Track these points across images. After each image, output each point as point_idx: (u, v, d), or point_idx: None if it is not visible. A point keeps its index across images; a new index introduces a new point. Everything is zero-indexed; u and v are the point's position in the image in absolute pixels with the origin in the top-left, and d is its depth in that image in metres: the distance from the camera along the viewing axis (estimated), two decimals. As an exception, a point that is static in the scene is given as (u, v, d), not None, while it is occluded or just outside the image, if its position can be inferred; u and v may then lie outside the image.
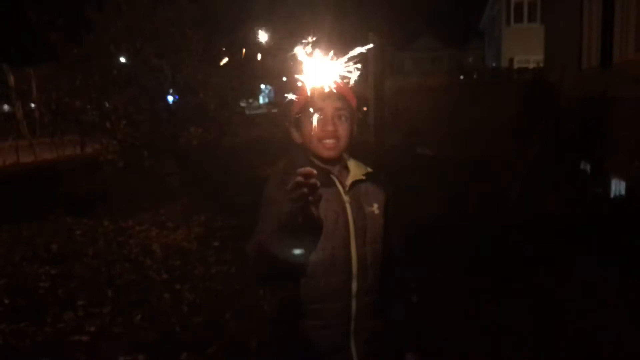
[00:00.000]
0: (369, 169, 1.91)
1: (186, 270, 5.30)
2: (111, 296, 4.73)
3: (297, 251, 1.60)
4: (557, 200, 6.70)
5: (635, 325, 3.95)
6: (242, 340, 3.83)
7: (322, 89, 1.66)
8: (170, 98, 8.22)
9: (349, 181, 1.84)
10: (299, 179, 1.41)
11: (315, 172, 1.42)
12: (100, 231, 6.67)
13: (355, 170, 1.87)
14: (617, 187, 7.87)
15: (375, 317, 1.83)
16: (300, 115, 1.83)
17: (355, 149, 1.92)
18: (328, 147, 1.80)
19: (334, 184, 1.82)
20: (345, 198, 1.81)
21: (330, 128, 1.79)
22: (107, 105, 7.80)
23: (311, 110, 1.77)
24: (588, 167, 9.34)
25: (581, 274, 4.75)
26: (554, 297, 4.48)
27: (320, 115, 1.79)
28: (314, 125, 1.75)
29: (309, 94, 1.62)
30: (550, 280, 4.76)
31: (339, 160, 1.86)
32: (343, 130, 1.81)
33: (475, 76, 18.25)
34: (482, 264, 5.00)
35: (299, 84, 1.50)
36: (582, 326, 3.99)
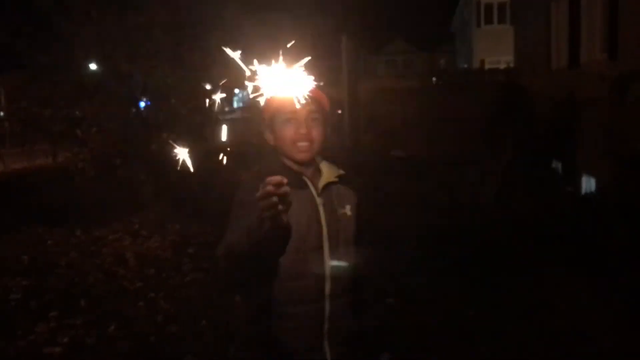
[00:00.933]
0: (341, 172, 1.92)
1: (161, 279, 5.24)
2: (85, 307, 4.66)
3: (264, 256, 1.59)
4: (530, 200, 6.79)
5: (609, 321, 4.02)
6: (218, 348, 3.79)
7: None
8: (142, 104, 8.13)
9: (321, 183, 1.85)
10: (269, 188, 1.39)
11: (285, 180, 1.41)
12: (72, 241, 6.56)
13: (328, 172, 1.88)
14: (588, 184, 8.01)
15: (348, 318, 1.84)
16: (273, 118, 1.84)
17: (330, 151, 1.94)
18: (302, 149, 1.80)
19: (307, 187, 1.83)
20: (318, 200, 1.83)
21: (303, 131, 1.79)
22: (77, 113, 7.67)
23: (284, 113, 1.79)
24: (559, 166, 9.49)
25: (554, 272, 4.81)
26: (529, 295, 4.53)
27: (293, 118, 1.80)
28: (287, 129, 1.78)
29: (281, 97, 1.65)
30: (524, 279, 4.81)
31: (312, 163, 1.87)
32: (316, 133, 1.82)
33: (446, 78, 18.41)
34: (456, 265, 5.04)
35: (266, 91, 1.49)
36: (557, 324, 4.05)
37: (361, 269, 1.89)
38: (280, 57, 1.43)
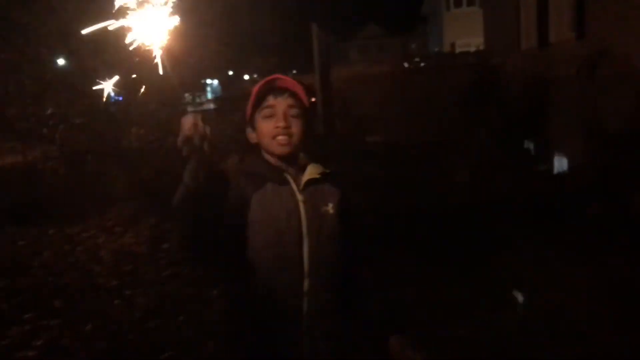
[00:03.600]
0: (327, 170, 1.91)
1: (137, 275, 5.18)
2: (60, 307, 4.58)
3: (202, 215, 1.61)
4: (504, 179, 6.85)
5: (586, 296, 4.08)
6: (197, 343, 3.76)
7: (272, 84, 1.75)
8: (111, 99, 7.98)
9: (304, 180, 1.84)
10: (186, 132, 1.48)
11: (199, 118, 1.50)
12: (45, 240, 6.46)
13: (312, 169, 1.87)
14: (560, 163, 8.10)
15: (330, 316, 1.82)
16: (253, 114, 1.85)
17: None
18: (280, 143, 1.80)
19: (288, 183, 1.83)
20: (299, 197, 1.82)
21: (282, 124, 1.79)
22: (44, 110, 7.52)
23: (263, 108, 1.81)
24: (532, 146, 9.59)
25: (531, 251, 4.87)
26: (507, 276, 4.57)
27: (272, 112, 1.81)
28: (266, 123, 1.80)
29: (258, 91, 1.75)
30: (502, 259, 4.86)
31: (295, 160, 1.87)
32: (296, 126, 1.82)
33: (418, 61, 18.46)
34: (435, 248, 5.06)
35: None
36: (534, 300, 4.10)
37: (350, 264, 1.89)
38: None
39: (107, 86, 1.63)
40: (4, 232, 6.82)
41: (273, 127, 1.80)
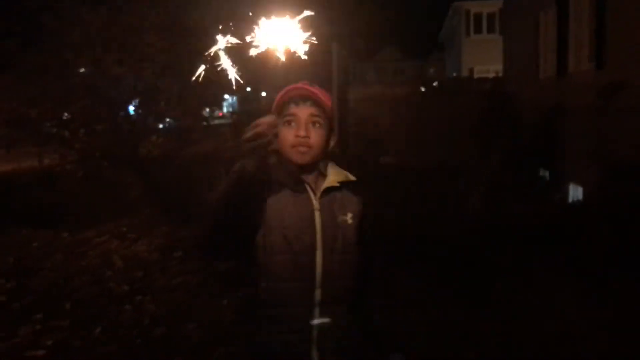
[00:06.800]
0: (351, 177, 1.89)
1: (148, 282, 5.20)
2: (70, 309, 4.60)
3: (241, 205, 1.65)
4: (518, 207, 6.82)
5: (597, 324, 4.04)
6: (205, 351, 3.77)
7: (296, 92, 1.76)
8: (131, 107, 8.09)
9: (322, 188, 1.83)
10: (260, 129, 1.59)
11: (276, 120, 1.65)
12: (58, 243, 6.50)
13: (332, 177, 1.85)
14: (575, 192, 8.06)
15: (340, 327, 1.79)
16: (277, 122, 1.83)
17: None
18: (300, 152, 1.78)
19: (305, 191, 1.81)
20: (316, 205, 1.80)
21: (302, 133, 1.77)
22: (65, 115, 7.63)
23: (285, 115, 1.80)
24: (547, 174, 9.56)
25: (542, 278, 4.83)
26: (517, 302, 4.54)
27: (294, 120, 1.79)
28: (287, 130, 1.79)
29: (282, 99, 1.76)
30: (512, 285, 4.83)
31: (314, 168, 1.84)
32: (316, 136, 1.80)
33: (435, 85, 18.50)
34: (445, 271, 5.04)
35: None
36: (545, 327, 4.06)
37: (363, 277, 1.87)
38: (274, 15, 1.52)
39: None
40: (19, 234, 6.88)
41: (293, 136, 1.77)
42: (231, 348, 3.56)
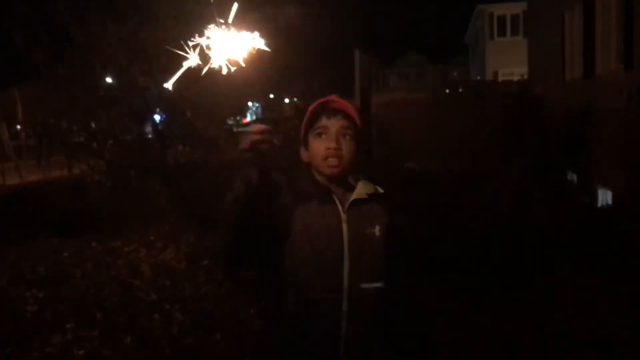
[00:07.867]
0: (380, 190, 1.89)
1: (176, 291, 5.24)
2: (100, 318, 4.65)
3: (247, 221, 1.68)
4: (546, 211, 6.73)
5: (629, 330, 3.97)
6: (233, 360, 3.79)
7: (327, 105, 1.80)
8: (157, 117, 8.18)
9: (349, 200, 1.83)
10: (254, 137, 1.64)
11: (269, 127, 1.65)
12: (88, 252, 6.58)
13: (361, 189, 1.85)
14: (604, 196, 7.93)
15: (368, 338, 1.78)
16: (307, 133, 1.86)
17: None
18: (331, 164, 1.79)
19: (333, 202, 1.81)
20: (343, 217, 1.80)
21: (333, 145, 1.79)
22: (93, 125, 7.75)
23: (316, 128, 1.82)
24: (575, 178, 9.41)
25: (574, 284, 4.77)
26: (546, 306, 4.49)
27: (324, 133, 1.81)
28: (317, 143, 1.81)
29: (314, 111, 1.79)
30: (541, 289, 4.77)
31: (344, 180, 1.85)
32: (347, 148, 1.81)
33: (460, 90, 18.38)
34: (473, 276, 5.00)
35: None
36: (577, 335, 4.00)
37: (392, 290, 1.85)
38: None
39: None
40: (49, 243, 6.99)
41: (324, 148, 1.78)
42: (258, 359, 3.58)
